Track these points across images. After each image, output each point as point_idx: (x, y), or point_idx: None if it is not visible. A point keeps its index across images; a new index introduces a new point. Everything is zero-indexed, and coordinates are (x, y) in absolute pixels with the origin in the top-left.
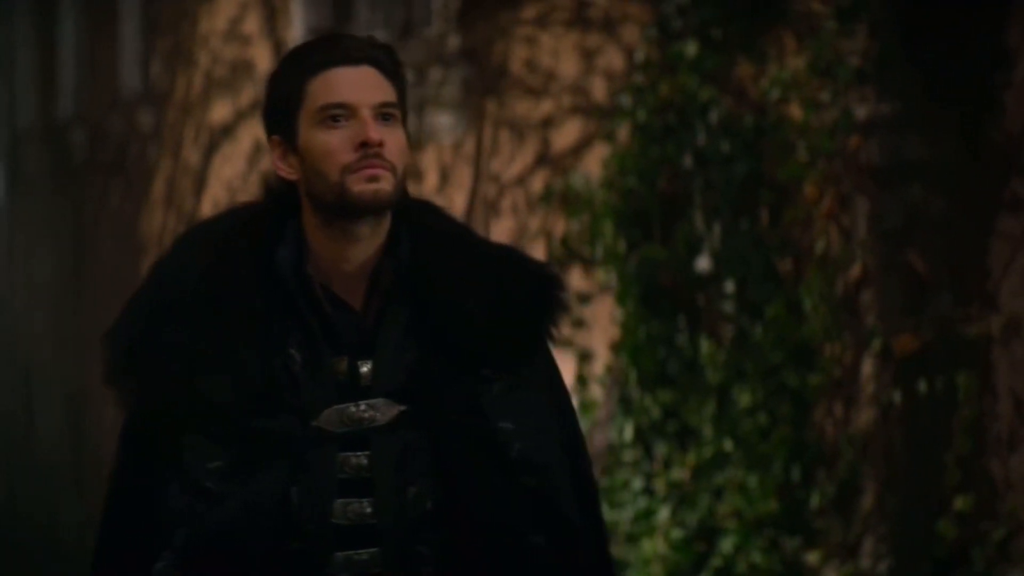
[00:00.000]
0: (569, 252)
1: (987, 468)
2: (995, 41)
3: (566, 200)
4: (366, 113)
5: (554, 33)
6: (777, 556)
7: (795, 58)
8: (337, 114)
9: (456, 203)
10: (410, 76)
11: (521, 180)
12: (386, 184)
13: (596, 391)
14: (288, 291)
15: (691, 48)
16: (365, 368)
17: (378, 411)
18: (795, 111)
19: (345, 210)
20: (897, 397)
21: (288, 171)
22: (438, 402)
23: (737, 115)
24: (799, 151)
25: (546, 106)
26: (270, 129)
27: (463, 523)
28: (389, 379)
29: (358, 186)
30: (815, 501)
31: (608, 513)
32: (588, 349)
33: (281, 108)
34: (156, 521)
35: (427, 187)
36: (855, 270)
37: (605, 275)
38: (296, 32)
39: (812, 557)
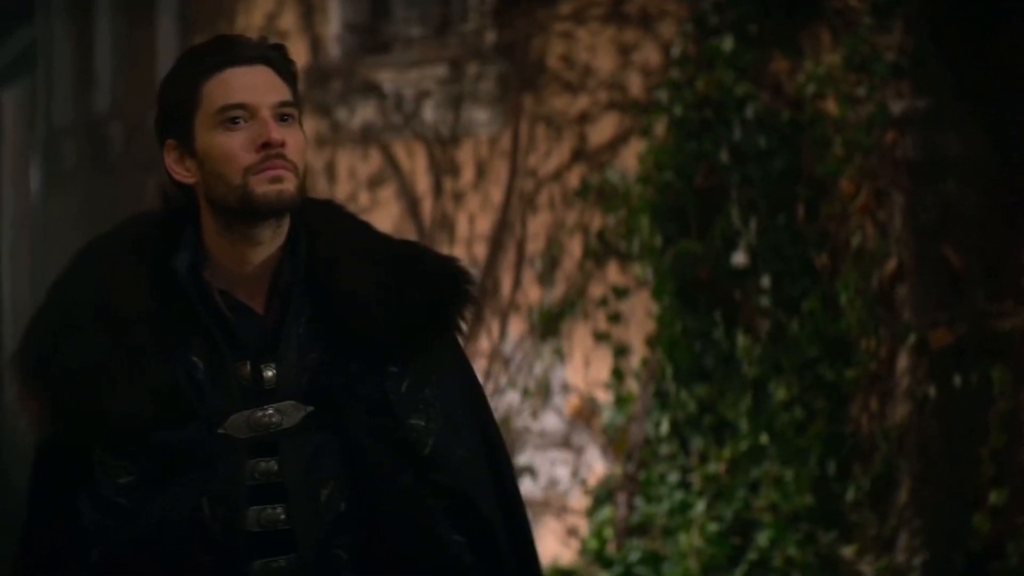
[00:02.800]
0: (606, 247)
1: (1022, 461)
2: None
3: (603, 195)
4: (266, 113)
5: (591, 28)
6: (812, 550)
7: (831, 54)
8: (237, 115)
9: (493, 198)
10: (447, 72)
11: (558, 175)
12: (289, 184)
13: (632, 385)
14: (187, 298)
15: (727, 43)
16: (269, 372)
17: (285, 414)
18: (831, 106)
19: (247, 212)
20: (932, 391)
21: (184, 175)
22: (344, 402)
23: (773, 110)
24: (835, 146)
25: (583, 101)
26: (164, 133)
27: (377, 524)
28: (294, 381)
29: (261, 187)
30: (851, 495)
31: (644, 507)
32: (624, 343)
33: (176, 111)
34: (71, 541)
35: (464, 182)
36: (891, 265)
37: (641, 270)
38: (333, 28)
39: (847, 551)
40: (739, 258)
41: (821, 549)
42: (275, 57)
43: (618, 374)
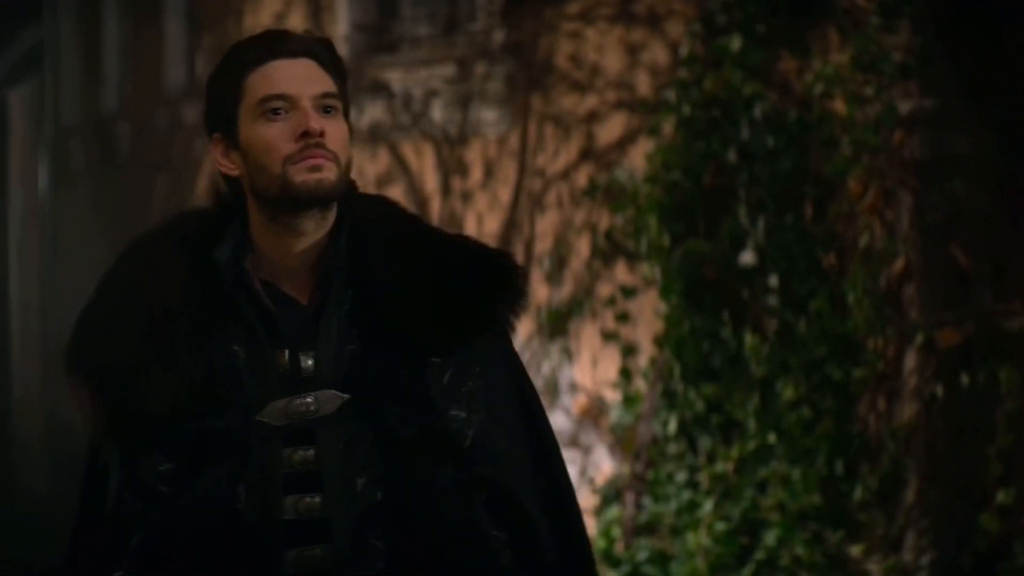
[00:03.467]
0: (614, 246)
1: None
2: None
3: (611, 194)
4: (306, 104)
5: (599, 28)
6: (820, 549)
7: (839, 53)
8: (277, 106)
9: (501, 197)
10: (455, 71)
11: (566, 174)
12: (329, 174)
13: (640, 384)
14: (227, 288)
15: (735, 43)
16: (308, 360)
17: (322, 403)
18: (839, 106)
19: (289, 202)
20: (940, 390)
21: (230, 167)
22: (382, 391)
23: (781, 110)
24: (843, 146)
25: (591, 101)
26: (211, 127)
27: (414, 514)
28: (332, 370)
29: (300, 176)
30: (858, 494)
31: (652, 506)
32: (632, 343)
33: (221, 105)
34: (116, 530)
35: (472, 182)
36: (898, 264)
37: (649, 269)
38: (341, 28)
39: (855, 550)
40: (747, 257)
41: (828, 548)
42: (319, 50)
43: (626, 373)
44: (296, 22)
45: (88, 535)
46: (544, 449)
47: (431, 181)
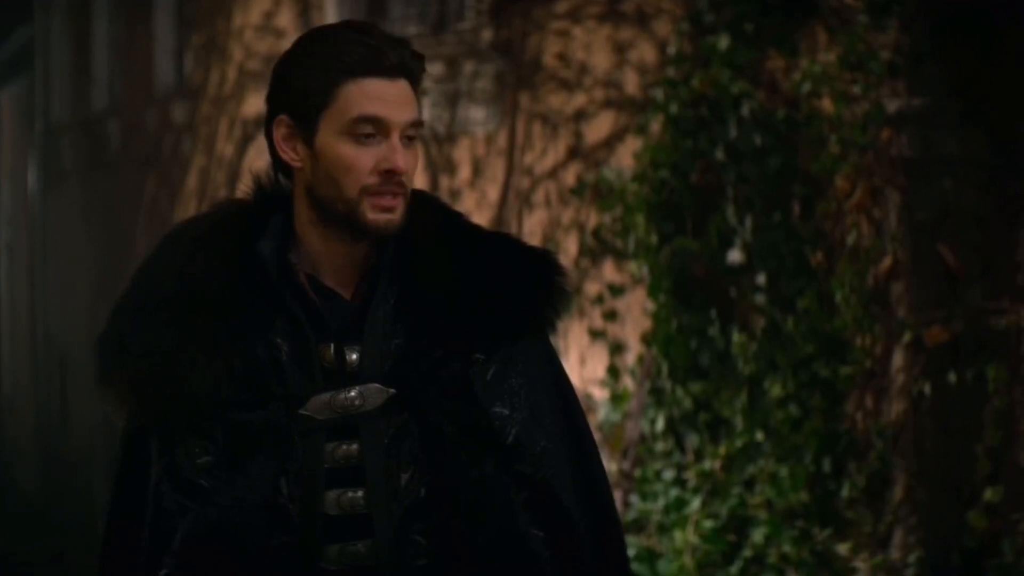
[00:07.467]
0: (602, 244)
1: (1017, 459)
2: None
3: (599, 193)
4: (396, 136)
5: (587, 27)
6: (808, 547)
7: (827, 52)
8: (369, 131)
9: (489, 196)
10: (443, 69)
11: (554, 173)
12: (398, 214)
13: (628, 382)
14: (271, 280)
15: (724, 42)
16: (353, 355)
17: (367, 397)
18: (827, 104)
19: (352, 228)
20: (927, 388)
21: (293, 157)
22: (427, 387)
23: (769, 108)
24: (831, 144)
25: (579, 99)
26: (280, 108)
27: (456, 511)
28: (377, 365)
29: (372, 214)
30: (846, 492)
31: (640, 504)
32: (620, 341)
33: (303, 98)
34: (153, 523)
35: (460, 180)
36: (886, 262)
37: (637, 267)
38: None
39: (843, 548)
40: (735, 256)
41: (816, 546)
42: (415, 68)
43: (614, 371)
44: (285, 21)
45: (124, 531)
46: (583, 449)
47: (419, 179)
